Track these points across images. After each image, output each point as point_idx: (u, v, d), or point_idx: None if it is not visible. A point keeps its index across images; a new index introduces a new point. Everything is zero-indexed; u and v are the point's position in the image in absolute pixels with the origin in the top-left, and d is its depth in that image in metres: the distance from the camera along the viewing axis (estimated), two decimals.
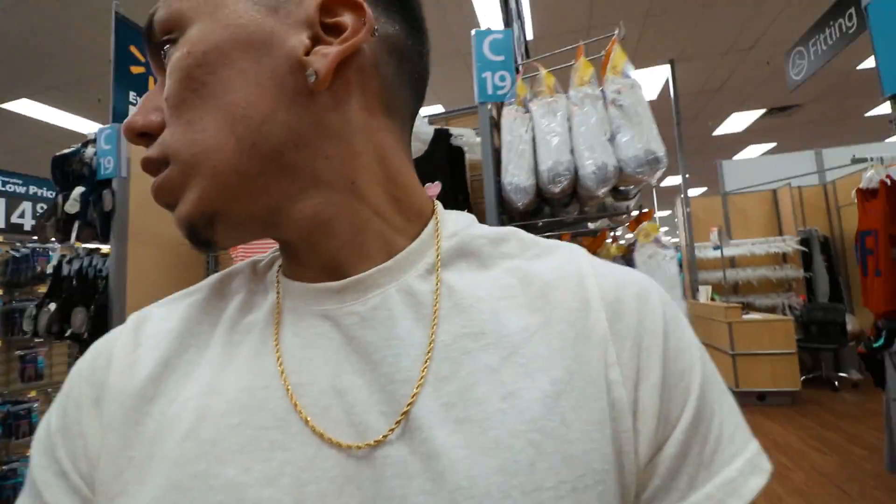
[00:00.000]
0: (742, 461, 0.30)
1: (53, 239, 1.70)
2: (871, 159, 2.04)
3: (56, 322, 1.58)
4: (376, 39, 0.32)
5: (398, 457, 0.27)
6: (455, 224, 0.35)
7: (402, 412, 0.27)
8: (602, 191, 1.01)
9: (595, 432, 0.28)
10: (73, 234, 1.63)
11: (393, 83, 0.33)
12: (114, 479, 0.29)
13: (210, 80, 0.29)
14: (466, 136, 1.36)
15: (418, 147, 1.39)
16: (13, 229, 3.05)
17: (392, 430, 0.27)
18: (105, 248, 1.75)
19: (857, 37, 3.18)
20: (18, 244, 2.91)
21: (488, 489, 0.25)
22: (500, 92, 1.18)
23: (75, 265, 1.68)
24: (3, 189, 3.06)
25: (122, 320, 0.36)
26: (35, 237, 3.05)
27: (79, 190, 1.62)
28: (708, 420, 0.30)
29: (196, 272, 1.96)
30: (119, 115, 1.73)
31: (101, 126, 1.65)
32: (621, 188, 1.21)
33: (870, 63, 4.76)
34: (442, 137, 1.35)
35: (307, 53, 0.29)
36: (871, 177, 2.35)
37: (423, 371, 0.29)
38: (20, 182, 3.15)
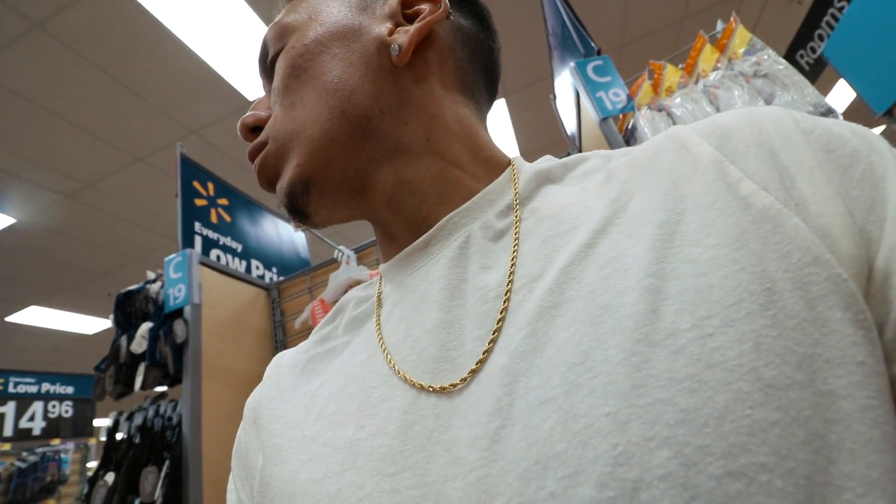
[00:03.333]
0: None
1: (109, 395, 1.43)
2: None
3: (117, 497, 1.22)
4: (451, 27, 0.37)
5: (498, 368, 0.25)
6: (533, 164, 0.36)
7: (495, 328, 0.27)
8: None
9: (733, 252, 0.22)
10: (139, 380, 1.38)
11: (466, 67, 0.37)
12: (267, 466, 0.31)
13: (310, 66, 0.34)
14: None
15: None
16: (22, 436, 2.64)
17: (487, 351, 0.26)
18: (170, 392, 1.48)
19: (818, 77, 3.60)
20: (25, 453, 2.50)
21: (605, 355, 0.22)
22: (618, 106, 1.16)
23: (137, 419, 1.38)
24: (14, 391, 2.73)
25: (199, 475, 0.42)
26: (43, 442, 2.64)
27: (146, 326, 1.43)
28: None
29: None
30: (186, 244, 1.64)
31: (167, 258, 1.53)
32: None
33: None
34: None
35: (390, 35, 0.34)
36: None
37: (508, 284, 0.28)
38: (32, 380, 2.85)
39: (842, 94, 4.43)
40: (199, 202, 1.77)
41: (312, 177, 0.33)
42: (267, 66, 0.38)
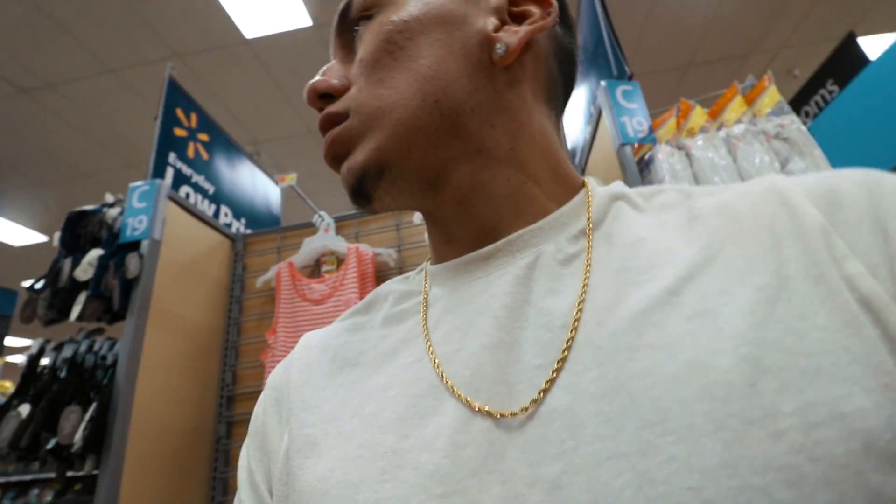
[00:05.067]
0: None
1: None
2: None
3: (29, 432, 1.11)
4: (549, 35, 0.36)
5: (562, 408, 0.23)
6: (608, 187, 0.35)
7: (559, 359, 0.25)
8: None
9: (845, 339, 0.20)
10: (77, 309, 1.25)
11: (555, 77, 0.37)
12: (296, 456, 0.30)
13: (407, 45, 0.31)
14: None
15: None
16: None
17: (550, 381, 0.24)
18: (108, 328, 1.36)
19: None
20: None
21: (691, 421, 0.20)
22: (640, 135, 1.16)
23: (66, 352, 1.26)
24: None
25: (126, 422, 0.36)
26: None
27: (95, 253, 1.30)
28: None
29: (212, 367, 1.56)
30: (157, 174, 1.51)
31: (132, 184, 1.40)
32: None
33: None
34: None
35: (496, 32, 0.32)
36: None
37: (577, 313, 0.26)
38: None
39: None
40: (179, 132, 1.63)
41: (389, 162, 0.31)
42: (344, 27, 0.36)
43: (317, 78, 0.34)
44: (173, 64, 1.68)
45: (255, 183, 2.09)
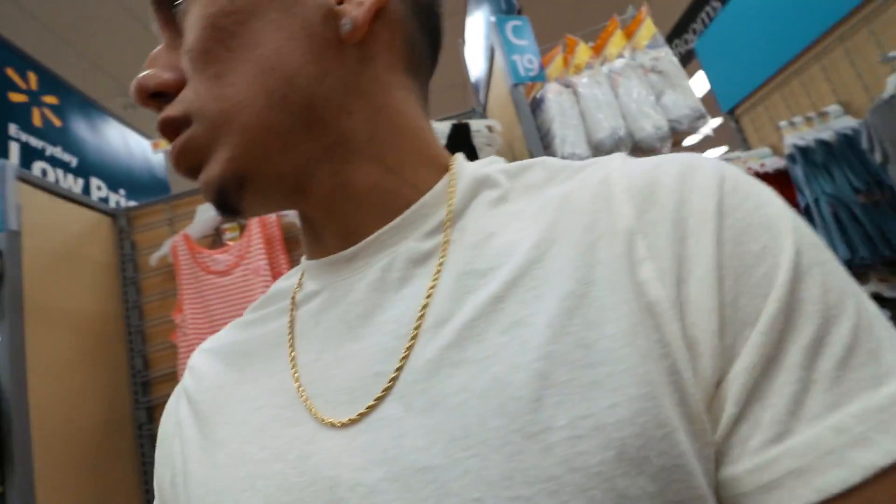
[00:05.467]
0: None
1: None
2: (738, 157, 2.49)
3: None
4: None
5: (391, 417, 0.25)
6: (475, 167, 0.33)
7: (396, 368, 0.26)
8: (666, 148, 1.04)
9: (622, 347, 0.22)
10: None
11: (416, 41, 0.33)
12: (184, 462, 0.31)
13: (239, 31, 0.28)
14: (483, 132, 1.30)
15: None
16: None
17: (385, 391, 0.26)
18: None
19: (686, 66, 4.04)
20: None
21: (486, 436, 0.22)
22: (531, 74, 1.17)
23: None
24: None
25: (25, 432, 0.40)
26: None
27: None
28: (821, 319, 0.21)
29: (117, 358, 1.46)
30: None
31: None
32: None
33: None
34: (462, 133, 1.27)
35: (340, 3, 0.29)
36: None
37: (418, 320, 0.27)
38: None
39: (698, 86, 5.07)
40: (16, 97, 1.37)
41: (248, 172, 0.29)
42: (163, 3, 0.31)
43: (144, 72, 0.29)
44: None
45: (129, 146, 1.84)
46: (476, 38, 1.77)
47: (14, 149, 1.32)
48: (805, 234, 0.24)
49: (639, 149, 1.08)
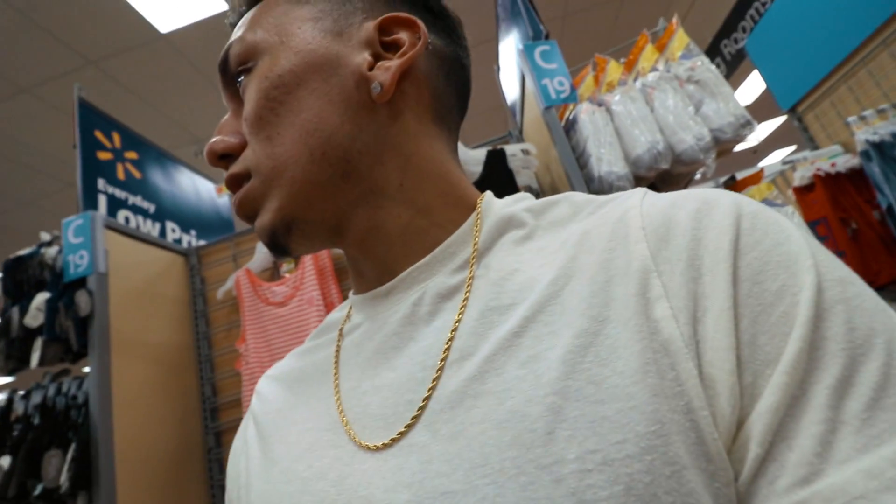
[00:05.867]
0: None
1: None
2: (805, 158, 2.32)
3: (15, 482, 1.12)
4: (429, 54, 0.35)
5: (420, 443, 0.27)
6: (502, 205, 0.36)
7: (424, 398, 0.28)
8: (710, 159, 1.00)
9: (633, 385, 0.22)
10: (36, 356, 1.24)
11: (442, 93, 0.37)
12: (247, 477, 0.35)
13: (286, 99, 0.32)
14: (518, 156, 1.32)
15: (470, 172, 1.31)
16: None
17: (415, 418, 0.28)
18: (73, 368, 1.36)
19: (727, 80, 3.86)
20: None
21: (502, 465, 0.23)
22: (562, 95, 1.17)
23: (35, 398, 1.26)
24: None
25: (110, 456, 0.41)
26: None
27: (42, 297, 1.28)
28: (846, 358, 0.21)
29: (189, 386, 1.58)
30: (88, 204, 1.46)
31: (65, 220, 1.36)
32: (675, 171, 1.22)
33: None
34: (498, 158, 1.29)
35: (370, 69, 0.33)
36: (802, 174, 2.62)
37: (444, 352, 0.29)
38: None
39: (754, 86, 4.79)
40: (103, 156, 1.56)
41: (294, 218, 0.33)
42: (228, 79, 0.36)
43: (214, 139, 0.35)
44: (80, 77, 1.58)
45: (198, 191, 2.03)
46: (509, 63, 1.80)
47: (102, 201, 1.49)
48: (828, 269, 0.23)
49: (681, 161, 1.04)
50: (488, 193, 0.37)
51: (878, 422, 0.19)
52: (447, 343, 0.29)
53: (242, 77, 0.35)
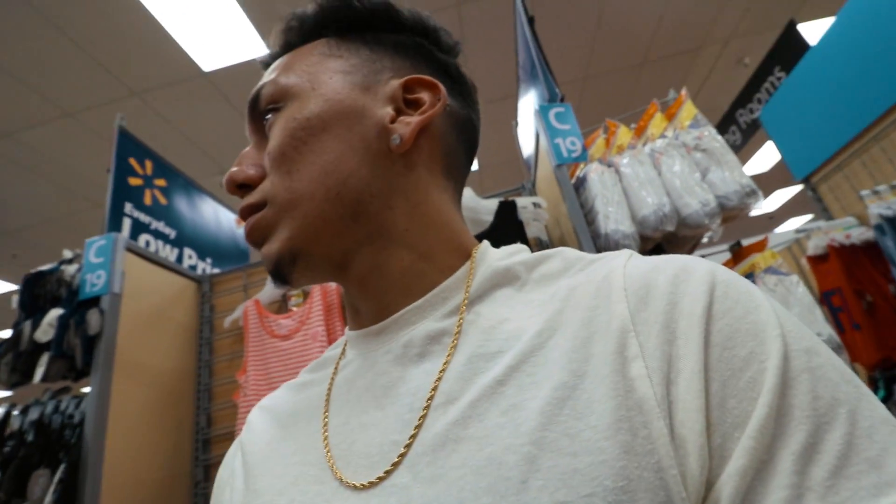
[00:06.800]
0: None
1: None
2: (819, 228, 2.31)
3: (1, 499, 1.11)
4: (445, 114, 0.38)
5: (401, 484, 0.27)
6: (496, 256, 0.37)
7: (409, 439, 0.29)
8: (715, 224, 1.02)
9: (604, 440, 0.23)
10: (40, 371, 1.26)
11: (454, 150, 0.39)
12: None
13: (310, 140, 0.34)
14: (529, 208, 1.35)
15: (482, 221, 1.34)
16: None
17: (399, 459, 0.28)
18: (75, 386, 1.37)
19: (742, 148, 3.93)
20: None
21: None
22: (573, 155, 1.22)
23: (32, 414, 1.27)
24: None
25: (97, 481, 0.43)
26: None
27: (55, 313, 1.31)
28: (811, 426, 0.22)
29: (185, 412, 1.57)
30: (113, 226, 1.52)
31: (88, 239, 1.41)
32: (681, 234, 1.23)
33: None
34: (509, 209, 1.32)
35: (392, 122, 0.36)
36: (816, 244, 2.59)
37: (431, 395, 0.30)
38: None
39: (770, 154, 4.86)
40: (134, 181, 1.64)
41: (301, 250, 0.34)
42: (256, 114, 0.39)
43: (234, 168, 0.37)
44: (123, 107, 1.68)
45: (219, 220, 2.10)
46: (526, 120, 1.87)
47: (126, 224, 1.56)
48: (795, 339, 0.24)
49: (686, 225, 1.06)
50: (485, 243, 0.39)
51: (842, 490, 0.20)
52: (434, 385, 0.30)
53: (270, 115, 0.37)
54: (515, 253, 0.38)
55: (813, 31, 3.26)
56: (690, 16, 3.45)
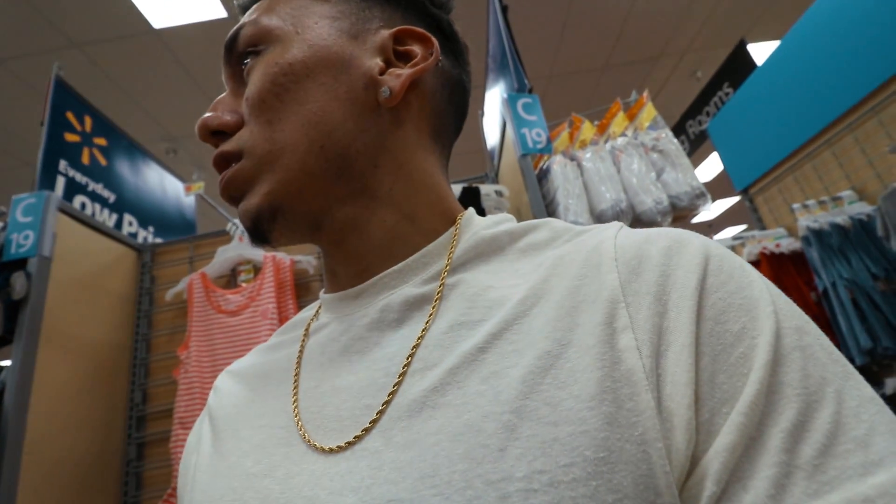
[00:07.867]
0: (889, 477, 0.19)
1: None
2: (753, 236, 2.49)
3: None
4: (436, 72, 0.37)
5: (373, 449, 0.27)
6: (482, 224, 0.36)
7: (382, 404, 0.28)
8: (666, 223, 1.07)
9: (586, 410, 0.23)
10: None
11: (443, 111, 0.38)
12: (195, 472, 0.35)
13: (293, 88, 0.32)
14: (492, 196, 1.36)
15: None
16: None
17: (371, 424, 0.28)
18: None
19: (689, 157, 4.16)
20: None
21: (451, 478, 0.23)
22: (538, 146, 1.24)
23: None
24: None
25: (17, 455, 0.40)
26: None
27: None
28: (801, 404, 0.22)
29: (119, 387, 1.48)
30: (45, 184, 1.39)
31: (15, 196, 1.29)
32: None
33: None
34: (472, 196, 1.33)
35: (381, 74, 0.34)
36: (750, 251, 2.77)
37: (407, 361, 0.29)
38: None
39: (714, 165, 5.17)
40: (71, 137, 1.51)
41: (282, 206, 0.33)
42: (233, 58, 0.36)
43: (208, 114, 0.34)
44: (61, 58, 1.54)
45: (164, 188, 1.98)
46: (493, 110, 1.88)
47: (60, 183, 1.43)
48: (787, 317, 0.24)
49: (640, 221, 1.12)
50: (470, 210, 0.38)
51: (830, 469, 0.20)
52: (412, 351, 0.29)
53: (249, 59, 0.34)
54: (501, 222, 0.36)
55: (761, 51, 3.48)
56: (652, 25, 3.59)
